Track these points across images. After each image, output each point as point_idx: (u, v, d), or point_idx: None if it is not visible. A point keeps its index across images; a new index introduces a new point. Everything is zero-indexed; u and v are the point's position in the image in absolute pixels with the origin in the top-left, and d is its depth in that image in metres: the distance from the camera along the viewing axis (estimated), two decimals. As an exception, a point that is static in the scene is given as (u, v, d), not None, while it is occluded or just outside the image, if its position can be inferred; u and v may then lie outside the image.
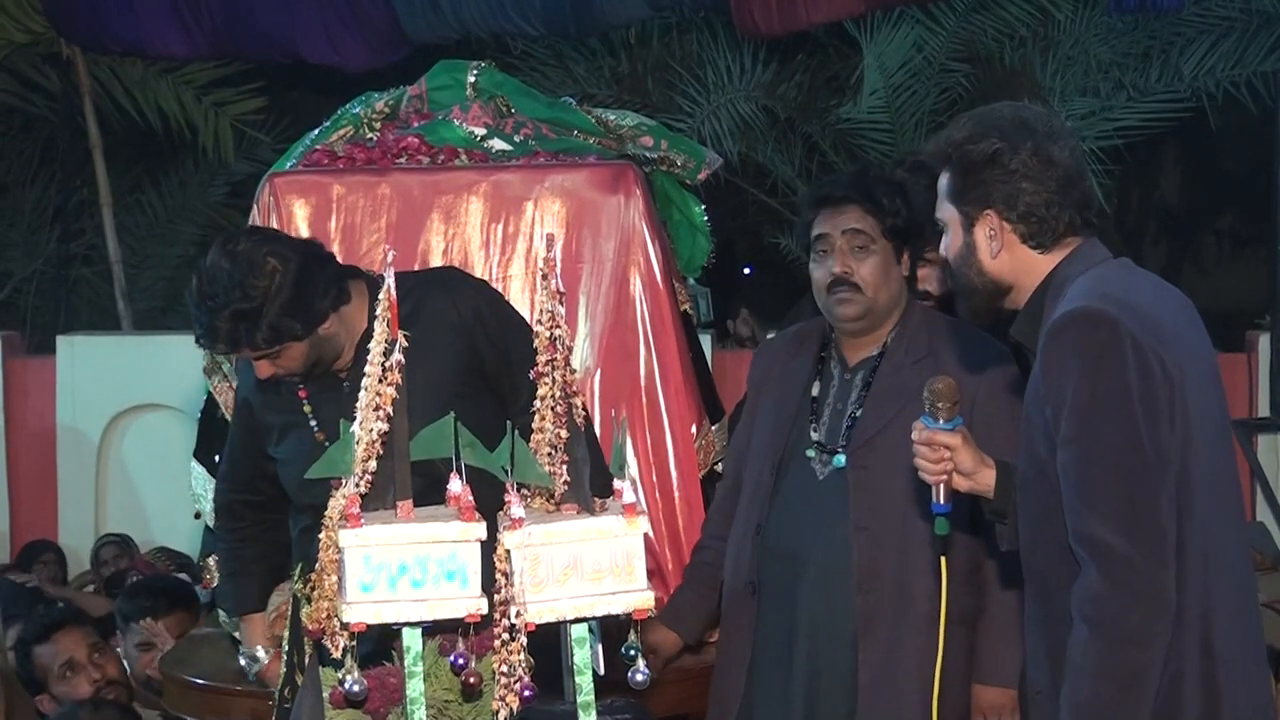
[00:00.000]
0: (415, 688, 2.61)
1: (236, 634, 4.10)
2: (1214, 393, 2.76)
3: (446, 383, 3.47)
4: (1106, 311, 2.65)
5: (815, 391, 3.71)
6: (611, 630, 2.71)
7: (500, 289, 4.12)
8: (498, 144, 4.38)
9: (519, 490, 2.62)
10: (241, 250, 3.42)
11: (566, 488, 2.65)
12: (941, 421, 2.86)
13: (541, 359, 2.70)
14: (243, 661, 3.91)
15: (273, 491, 3.76)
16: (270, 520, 3.80)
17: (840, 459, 3.61)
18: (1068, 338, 2.65)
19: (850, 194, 3.65)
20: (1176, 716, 2.63)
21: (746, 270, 11.96)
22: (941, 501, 2.91)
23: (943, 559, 2.97)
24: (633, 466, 4.05)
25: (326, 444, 3.39)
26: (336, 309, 3.49)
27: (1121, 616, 2.58)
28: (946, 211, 2.86)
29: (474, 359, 3.56)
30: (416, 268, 4.00)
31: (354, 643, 2.61)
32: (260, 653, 3.86)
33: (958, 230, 2.84)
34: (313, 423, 3.61)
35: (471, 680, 2.69)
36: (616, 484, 2.64)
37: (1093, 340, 2.63)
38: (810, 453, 3.66)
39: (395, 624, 2.58)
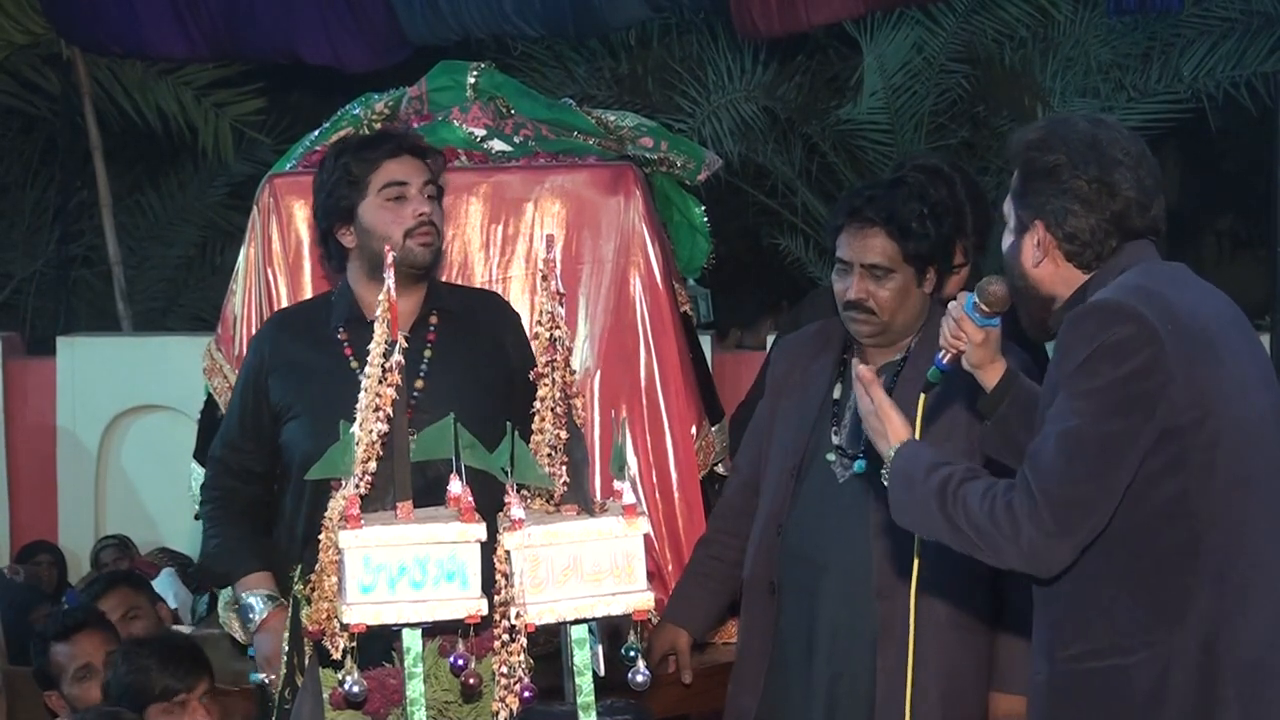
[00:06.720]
0: (415, 689, 2.61)
1: (236, 634, 4.10)
2: (1265, 395, 2.74)
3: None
4: (1129, 305, 2.64)
5: (836, 394, 3.67)
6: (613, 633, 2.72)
7: (500, 290, 4.13)
8: (497, 145, 4.37)
9: (519, 491, 2.62)
10: None
11: (566, 489, 2.65)
12: (978, 316, 2.90)
13: (541, 360, 2.70)
14: (239, 614, 3.62)
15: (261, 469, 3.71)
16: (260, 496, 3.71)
17: (861, 464, 3.56)
18: (1086, 327, 2.65)
19: (877, 217, 3.59)
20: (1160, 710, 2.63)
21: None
22: (944, 362, 3.00)
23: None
24: (632, 467, 4.05)
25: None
26: None
27: (994, 527, 2.65)
28: (1007, 206, 2.86)
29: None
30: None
31: (354, 644, 2.61)
32: (256, 600, 3.60)
33: (1010, 229, 2.85)
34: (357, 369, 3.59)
35: (471, 681, 2.70)
36: (616, 485, 2.64)
37: (1109, 331, 2.62)
38: (830, 456, 3.63)
39: (395, 625, 2.58)
